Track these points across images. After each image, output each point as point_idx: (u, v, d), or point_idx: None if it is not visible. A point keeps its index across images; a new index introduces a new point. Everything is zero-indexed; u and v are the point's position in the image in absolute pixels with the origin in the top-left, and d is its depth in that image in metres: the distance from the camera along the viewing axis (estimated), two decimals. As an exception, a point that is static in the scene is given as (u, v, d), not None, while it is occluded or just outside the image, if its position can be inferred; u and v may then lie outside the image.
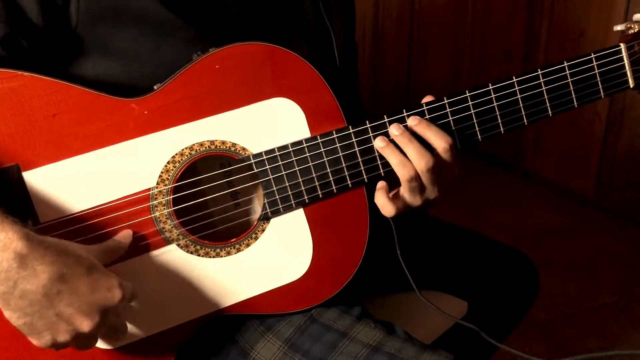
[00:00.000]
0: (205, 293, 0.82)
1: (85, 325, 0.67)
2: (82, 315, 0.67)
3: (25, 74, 0.73)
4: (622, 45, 0.89)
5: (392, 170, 0.84)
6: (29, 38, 0.75)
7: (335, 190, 0.83)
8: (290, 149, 0.81)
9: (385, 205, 0.84)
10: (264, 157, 0.81)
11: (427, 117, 0.84)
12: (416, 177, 0.81)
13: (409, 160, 0.81)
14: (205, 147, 0.79)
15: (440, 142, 0.82)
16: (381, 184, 0.85)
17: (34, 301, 0.65)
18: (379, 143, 0.82)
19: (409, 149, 0.81)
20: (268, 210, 0.82)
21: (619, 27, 0.91)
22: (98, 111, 0.76)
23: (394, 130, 0.82)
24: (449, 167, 0.84)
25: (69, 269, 0.66)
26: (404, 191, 0.83)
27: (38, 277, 0.64)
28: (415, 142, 0.82)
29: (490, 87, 0.85)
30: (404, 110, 0.84)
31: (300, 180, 0.82)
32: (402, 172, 0.81)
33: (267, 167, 0.81)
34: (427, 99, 0.85)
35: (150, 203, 0.78)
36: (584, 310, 2.05)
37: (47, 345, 0.68)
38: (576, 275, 2.21)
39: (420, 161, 0.81)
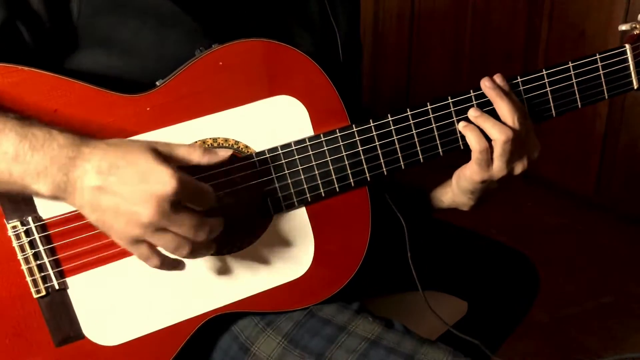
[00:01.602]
0: (207, 291, 0.82)
1: (143, 214, 0.66)
2: (137, 204, 0.66)
3: (26, 68, 0.73)
4: (628, 46, 0.88)
5: (395, 169, 0.84)
6: (30, 28, 0.75)
7: (337, 189, 0.83)
8: (294, 147, 0.81)
9: (479, 137, 0.84)
10: (267, 155, 0.80)
11: (432, 115, 0.84)
12: (509, 140, 0.83)
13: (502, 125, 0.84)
14: (208, 145, 0.79)
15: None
16: (462, 124, 0.86)
17: (92, 196, 0.67)
18: (474, 112, 0.85)
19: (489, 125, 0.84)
20: (270, 209, 0.82)
21: (623, 27, 0.91)
22: (99, 107, 0.75)
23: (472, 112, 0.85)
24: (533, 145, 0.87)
25: (115, 161, 0.67)
26: (498, 154, 0.84)
27: (88, 173, 0.67)
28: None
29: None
30: (408, 110, 0.84)
31: (302, 178, 0.81)
32: (499, 133, 0.83)
33: (270, 165, 0.80)
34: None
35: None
36: (584, 310, 2.04)
37: (128, 240, 0.69)
38: (576, 275, 2.21)
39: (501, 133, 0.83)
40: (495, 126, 0.83)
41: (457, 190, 0.93)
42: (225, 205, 0.81)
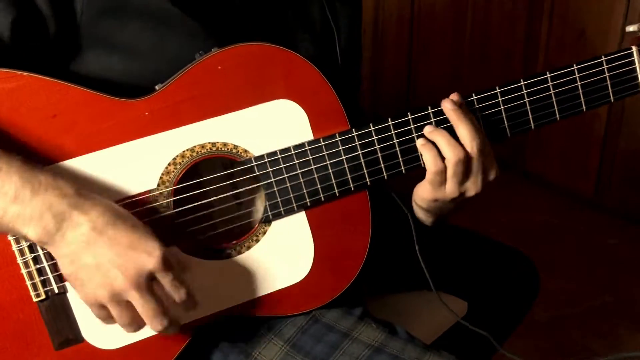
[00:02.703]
0: (206, 295, 0.82)
1: (119, 280, 0.67)
2: (116, 268, 0.67)
3: (24, 73, 0.73)
4: (634, 49, 0.87)
5: (396, 173, 0.83)
6: (36, 28, 0.75)
7: (337, 194, 0.83)
8: (293, 152, 0.81)
9: (435, 158, 0.83)
10: (266, 160, 0.80)
11: (433, 119, 0.83)
12: (463, 161, 0.82)
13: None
14: (207, 149, 0.79)
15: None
16: (421, 140, 0.84)
17: (78, 248, 0.67)
18: (429, 129, 0.83)
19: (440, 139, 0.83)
20: (269, 213, 0.82)
21: (631, 28, 0.89)
22: (98, 112, 0.75)
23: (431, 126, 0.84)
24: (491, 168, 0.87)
25: (112, 221, 0.68)
26: (451, 175, 0.83)
27: (81, 226, 0.67)
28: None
29: (498, 91, 0.85)
30: (408, 113, 0.83)
31: (302, 183, 0.81)
32: (452, 153, 0.82)
33: (269, 169, 0.80)
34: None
35: (151, 205, 0.78)
36: (584, 310, 2.05)
37: (91, 300, 0.69)
38: (576, 275, 2.21)
39: (452, 151, 0.82)
40: (449, 145, 0.82)
41: (415, 206, 0.93)
42: (225, 209, 0.81)
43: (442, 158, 0.83)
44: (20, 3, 0.73)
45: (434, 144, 0.83)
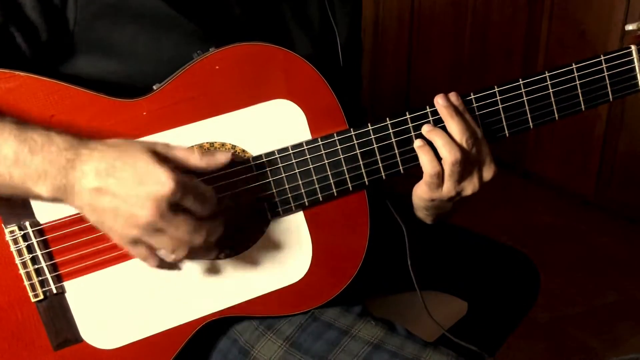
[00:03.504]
0: (204, 295, 0.82)
1: (142, 216, 0.66)
2: (135, 206, 0.66)
3: (22, 74, 0.73)
4: (633, 47, 0.87)
5: (394, 173, 0.83)
6: (26, 35, 0.75)
7: (335, 194, 0.83)
8: (291, 152, 0.80)
9: (431, 160, 0.83)
10: (264, 160, 0.80)
11: (431, 118, 0.83)
12: (460, 162, 0.82)
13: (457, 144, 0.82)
14: (205, 149, 0.79)
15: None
16: (419, 142, 0.84)
17: (91, 197, 0.67)
18: (427, 128, 0.83)
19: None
20: (267, 213, 0.82)
21: (630, 27, 0.89)
22: (96, 112, 0.75)
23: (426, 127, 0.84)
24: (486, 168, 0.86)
25: (113, 162, 0.67)
26: (448, 175, 0.83)
27: (86, 175, 0.67)
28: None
29: (496, 90, 0.85)
30: (406, 113, 0.83)
31: (300, 183, 0.81)
32: (448, 154, 0.81)
33: (267, 169, 0.80)
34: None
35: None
36: (584, 310, 2.04)
37: (126, 240, 0.69)
38: (576, 275, 2.21)
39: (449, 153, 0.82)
40: (446, 145, 0.81)
41: (415, 206, 0.93)
42: (222, 209, 0.81)
43: (439, 159, 0.82)
44: (7, 11, 0.73)
45: (431, 144, 0.83)
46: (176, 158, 0.70)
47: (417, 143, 0.83)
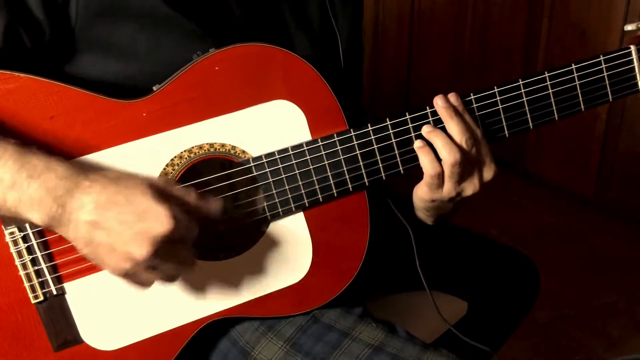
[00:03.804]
0: (205, 296, 0.82)
1: (137, 253, 0.67)
2: (131, 242, 0.66)
3: (22, 75, 0.73)
4: (633, 47, 0.87)
5: (394, 173, 0.83)
6: (30, 32, 0.75)
7: (335, 194, 0.83)
8: (291, 152, 0.80)
9: (432, 161, 0.83)
10: (264, 161, 0.80)
11: (431, 119, 0.83)
12: (459, 163, 0.82)
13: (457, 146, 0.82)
14: (205, 150, 0.79)
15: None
16: (419, 142, 0.84)
17: (87, 230, 0.67)
18: (427, 128, 0.83)
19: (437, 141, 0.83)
20: (268, 214, 0.82)
21: (629, 27, 0.89)
22: (96, 113, 0.75)
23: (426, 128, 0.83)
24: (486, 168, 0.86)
25: (114, 196, 0.67)
26: (447, 176, 0.83)
27: (85, 207, 0.67)
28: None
29: (496, 90, 0.85)
30: (406, 113, 0.83)
31: (300, 184, 0.81)
32: (447, 155, 0.81)
33: (267, 170, 0.80)
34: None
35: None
36: (584, 310, 2.04)
37: (119, 272, 0.69)
38: (576, 275, 2.21)
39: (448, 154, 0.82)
40: (445, 146, 0.82)
41: (415, 206, 0.93)
42: (223, 211, 0.81)
43: (439, 160, 0.82)
44: (14, 8, 0.73)
45: (431, 145, 0.83)
46: (174, 195, 0.71)
47: (417, 144, 0.83)
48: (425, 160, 0.82)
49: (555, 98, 0.86)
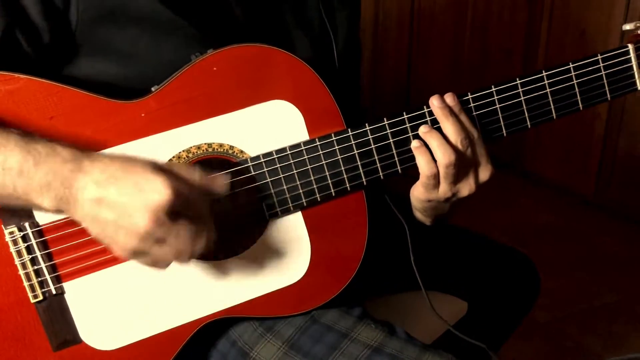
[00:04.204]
0: (203, 296, 0.82)
1: (141, 225, 0.66)
2: (134, 215, 0.67)
3: (22, 76, 0.73)
4: (630, 46, 0.87)
5: (392, 173, 0.83)
6: (29, 37, 0.75)
7: (333, 194, 0.83)
8: (289, 152, 0.81)
9: (428, 162, 0.83)
10: (262, 160, 0.80)
11: (429, 119, 0.83)
12: (454, 164, 0.82)
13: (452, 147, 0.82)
14: (203, 150, 0.79)
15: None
16: (415, 142, 0.84)
17: (92, 208, 0.67)
18: (424, 129, 0.83)
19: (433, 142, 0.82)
20: (266, 214, 0.82)
21: (627, 27, 0.89)
22: (95, 114, 0.75)
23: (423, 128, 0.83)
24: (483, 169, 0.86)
25: (114, 172, 0.67)
26: (442, 176, 0.83)
27: (88, 186, 0.67)
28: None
29: (493, 89, 0.85)
30: (404, 113, 0.83)
31: (298, 183, 0.81)
32: (442, 155, 0.81)
33: (265, 170, 0.80)
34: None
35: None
36: (584, 310, 2.04)
37: (129, 251, 0.69)
38: (576, 275, 2.21)
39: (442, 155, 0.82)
40: (440, 147, 0.82)
41: (412, 207, 0.94)
42: (221, 211, 0.81)
43: (435, 161, 0.83)
44: (13, 13, 0.74)
45: (427, 145, 0.83)
46: (178, 173, 0.70)
47: (414, 144, 0.83)
48: (422, 161, 0.83)
49: (553, 97, 0.86)
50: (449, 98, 0.83)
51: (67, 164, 0.68)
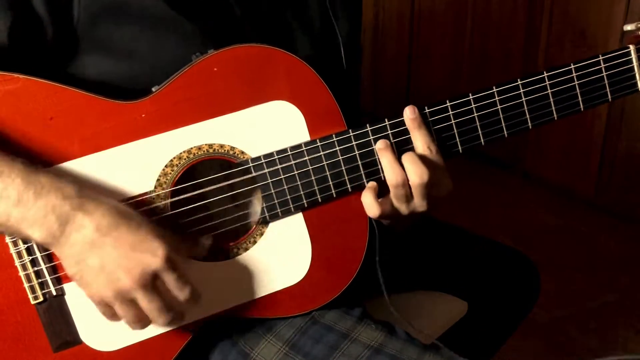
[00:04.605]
0: (204, 297, 0.81)
1: (124, 280, 0.68)
2: (121, 269, 0.67)
3: (21, 76, 0.73)
4: (632, 47, 0.87)
5: None
6: (33, 31, 0.75)
7: (334, 195, 0.83)
8: (289, 153, 0.81)
9: (371, 204, 0.83)
10: (263, 161, 0.80)
11: (430, 119, 0.83)
12: (403, 184, 0.81)
13: (400, 166, 0.81)
14: (204, 151, 0.79)
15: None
16: (371, 184, 0.84)
17: (82, 250, 0.68)
18: (379, 145, 0.82)
19: (404, 158, 0.81)
20: (267, 214, 0.82)
21: (628, 27, 0.89)
22: (95, 114, 0.75)
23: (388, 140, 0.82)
24: (443, 183, 0.84)
25: (115, 222, 0.68)
26: (392, 196, 0.83)
27: (85, 228, 0.68)
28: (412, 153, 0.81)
29: (494, 90, 0.85)
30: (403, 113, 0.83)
31: (299, 184, 0.81)
32: (390, 177, 0.81)
33: (266, 171, 0.80)
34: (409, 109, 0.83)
35: (148, 207, 0.78)
36: (584, 310, 2.04)
37: (98, 298, 0.70)
38: (576, 275, 2.21)
39: (413, 171, 0.80)
40: (389, 168, 0.81)
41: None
42: (222, 211, 0.81)
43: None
44: (18, 8, 0.74)
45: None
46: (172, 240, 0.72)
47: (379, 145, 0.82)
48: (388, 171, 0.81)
49: (554, 98, 0.86)
50: (410, 110, 0.82)
51: (67, 201, 0.68)
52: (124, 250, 0.68)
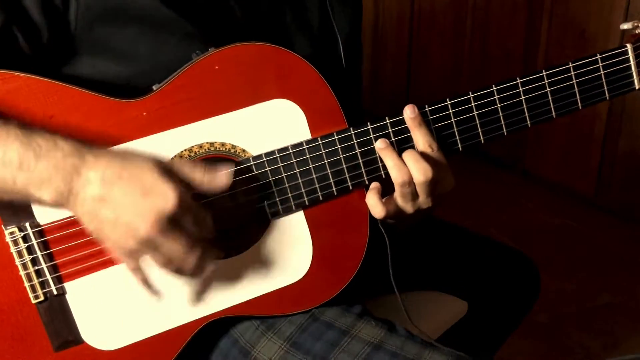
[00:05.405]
0: (205, 295, 0.82)
1: (142, 228, 0.67)
2: (136, 217, 0.67)
3: (22, 74, 0.73)
4: (629, 46, 0.88)
5: None
6: (28, 35, 0.75)
7: (335, 192, 0.83)
8: (291, 151, 0.81)
9: (375, 205, 0.83)
10: (264, 159, 0.80)
11: (430, 117, 0.84)
12: (409, 183, 0.81)
13: (405, 165, 0.81)
14: (205, 149, 0.79)
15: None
16: (375, 185, 0.84)
17: (94, 206, 0.67)
18: (379, 144, 0.82)
19: (406, 156, 0.81)
20: (268, 212, 0.82)
21: (625, 26, 0.90)
22: (96, 113, 0.75)
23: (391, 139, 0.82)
24: (446, 180, 0.84)
25: (120, 170, 0.67)
26: (397, 195, 0.83)
27: (91, 182, 0.67)
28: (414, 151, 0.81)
29: (494, 88, 0.85)
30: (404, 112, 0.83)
31: (300, 182, 0.81)
32: (396, 176, 0.81)
33: (267, 169, 0.80)
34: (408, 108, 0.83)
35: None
36: (584, 310, 2.04)
37: (122, 250, 0.69)
38: (576, 275, 2.20)
39: (416, 169, 0.80)
40: (394, 167, 0.81)
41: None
42: (223, 209, 0.81)
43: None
44: (11, 10, 0.73)
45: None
46: (181, 171, 0.71)
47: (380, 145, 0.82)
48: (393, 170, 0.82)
49: (553, 96, 0.87)
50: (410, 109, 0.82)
51: (68, 158, 0.67)
52: (134, 198, 0.67)
